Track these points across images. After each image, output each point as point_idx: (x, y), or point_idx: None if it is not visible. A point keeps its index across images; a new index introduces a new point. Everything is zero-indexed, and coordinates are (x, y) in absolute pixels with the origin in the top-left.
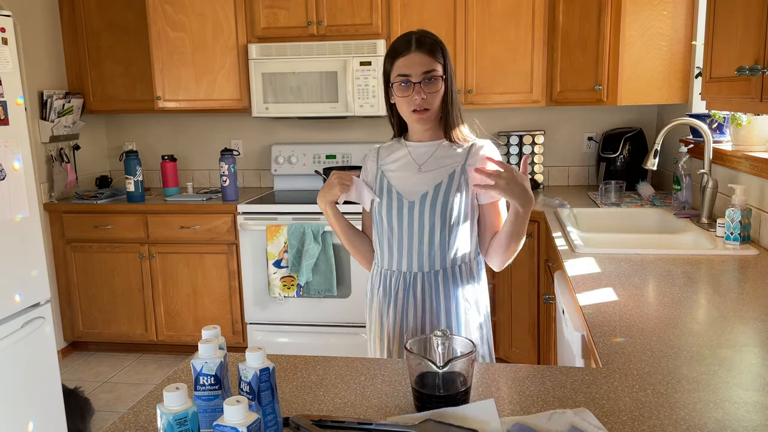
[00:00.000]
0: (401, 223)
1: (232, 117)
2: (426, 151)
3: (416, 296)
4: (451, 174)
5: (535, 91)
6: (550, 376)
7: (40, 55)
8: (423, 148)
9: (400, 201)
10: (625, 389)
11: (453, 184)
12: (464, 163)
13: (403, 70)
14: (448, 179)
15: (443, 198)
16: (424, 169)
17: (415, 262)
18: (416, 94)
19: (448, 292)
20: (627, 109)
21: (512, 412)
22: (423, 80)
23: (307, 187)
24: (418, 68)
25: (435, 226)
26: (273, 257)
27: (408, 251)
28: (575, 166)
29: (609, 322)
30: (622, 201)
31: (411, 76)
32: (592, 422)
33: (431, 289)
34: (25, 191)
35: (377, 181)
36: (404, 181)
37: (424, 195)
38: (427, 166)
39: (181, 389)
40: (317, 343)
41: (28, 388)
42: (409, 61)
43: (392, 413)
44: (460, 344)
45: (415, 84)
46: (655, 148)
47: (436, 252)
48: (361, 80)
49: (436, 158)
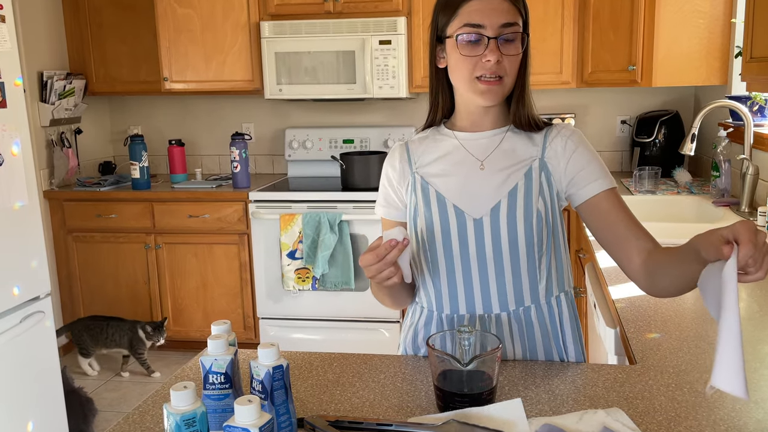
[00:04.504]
0: (465, 251)
1: (243, 99)
2: (487, 143)
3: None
4: (527, 172)
5: (564, 71)
6: (581, 373)
7: (39, 33)
8: (481, 138)
9: (461, 219)
10: (660, 388)
11: (533, 185)
12: (543, 154)
13: (475, 17)
14: (524, 180)
15: (524, 207)
16: (488, 169)
17: (495, 301)
18: (490, 54)
19: (545, 330)
20: (662, 91)
21: (540, 412)
22: (500, 36)
23: (323, 173)
24: (496, 17)
25: (519, 249)
26: (287, 248)
27: (482, 288)
28: (607, 151)
29: (643, 316)
30: (657, 188)
31: (485, 27)
32: (625, 423)
33: (522, 331)
34: (24, 178)
35: (415, 194)
36: (461, 188)
37: (496, 207)
38: (491, 164)
39: (189, 388)
40: (334, 339)
41: (27, 387)
42: (484, 5)
43: (413, 413)
44: (486, 340)
45: (489, 39)
46: (693, 132)
47: (524, 283)
48: (380, 60)
49: (503, 152)
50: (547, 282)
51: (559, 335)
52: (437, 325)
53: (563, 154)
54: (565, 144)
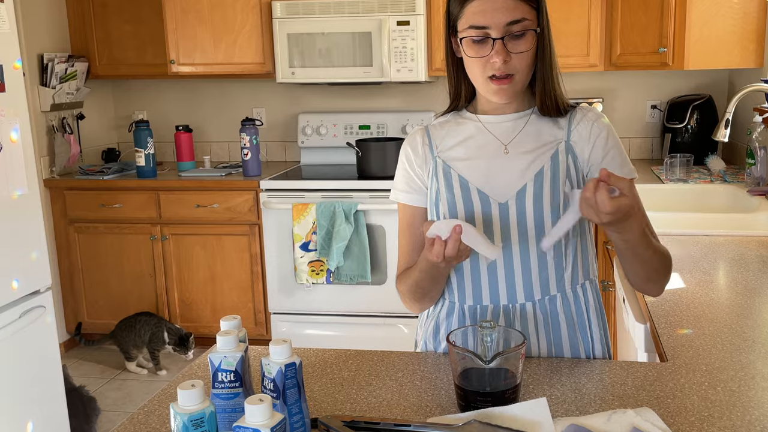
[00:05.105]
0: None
1: (254, 83)
2: (511, 126)
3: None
4: (553, 155)
5: (592, 53)
6: (609, 371)
7: (39, 13)
8: (505, 121)
9: (486, 203)
10: (692, 386)
11: (559, 168)
12: (569, 137)
13: (478, 19)
14: (551, 163)
15: (551, 191)
16: (512, 152)
17: (520, 290)
18: (496, 56)
19: (571, 321)
20: (695, 74)
21: (567, 412)
22: (506, 35)
23: (338, 161)
24: (500, 17)
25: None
26: (300, 239)
27: (507, 276)
28: (637, 137)
29: (675, 311)
30: (689, 176)
31: (489, 28)
32: (656, 423)
33: (548, 322)
34: (24, 165)
35: (437, 178)
36: (484, 172)
37: (522, 191)
38: (516, 147)
39: (197, 386)
40: (349, 335)
41: (26, 386)
42: (487, 5)
43: (433, 413)
44: (509, 336)
45: (494, 41)
46: (727, 118)
47: (551, 271)
48: (398, 42)
49: (528, 135)
50: (573, 269)
51: (586, 326)
52: (459, 317)
53: (588, 139)
54: (590, 128)
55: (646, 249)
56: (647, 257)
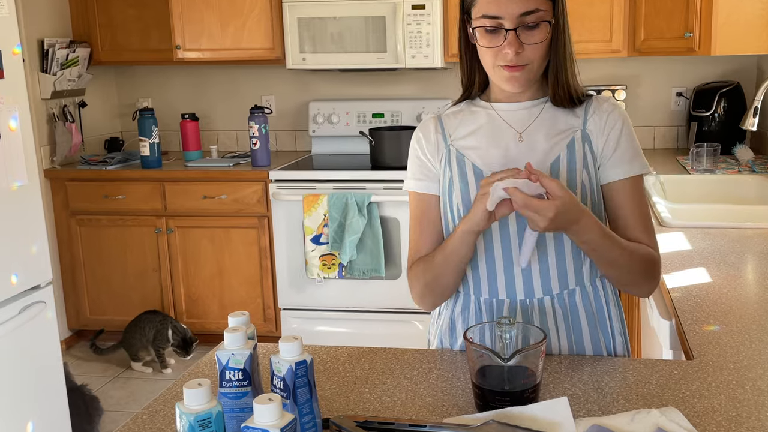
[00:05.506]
0: (505, 228)
1: (263, 69)
2: (525, 114)
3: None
4: (570, 143)
5: (614, 39)
6: (633, 369)
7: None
8: (520, 109)
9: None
10: (720, 385)
11: (576, 156)
12: (584, 126)
13: (491, 9)
14: (567, 151)
15: (568, 179)
16: (527, 140)
17: (537, 284)
18: (508, 47)
19: (592, 317)
20: (722, 60)
21: (589, 411)
22: (520, 26)
23: (350, 150)
24: (513, 8)
25: None
26: (311, 232)
27: (523, 269)
28: (662, 126)
29: (701, 307)
30: (716, 167)
31: (502, 18)
32: (681, 423)
33: (567, 318)
34: (23, 155)
35: (450, 167)
36: (499, 161)
37: None
38: (531, 136)
39: (204, 385)
40: (362, 332)
41: (26, 385)
42: None
43: (449, 413)
44: (529, 333)
45: (507, 31)
46: (755, 106)
47: (569, 263)
48: (413, 26)
49: (543, 123)
50: (591, 261)
51: (607, 321)
52: (475, 312)
53: (603, 130)
54: (606, 119)
55: (610, 250)
56: (612, 258)
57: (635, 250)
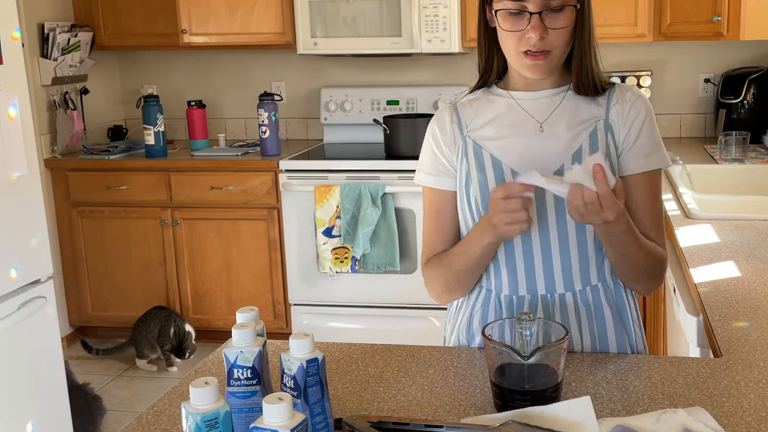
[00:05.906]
0: None
1: (272, 54)
2: (546, 103)
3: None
4: (592, 133)
5: (640, 23)
6: (659, 368)
7: None
8: (540, 98)
9: None
10: (749, 384)
11: (598, 147)
12: (607, 115)
13: None
14: (589, 141)
15: None
16: (548, 130)
17: (559, 279)
18: (532, 31)
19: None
20: (752, 45)
21: (612, 411)
22: (544, 9)
23: (364, 138)
24: None
25: None
26: (323, 224)
27: (544, 263)
28: (689, 113)
29: (730, 302)
30: (745, 156)
31: (527, 1)
32: (708, 424)
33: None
34: (23, 144)
35: (467, 159)
36: (518, 151)
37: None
38: (551, 126)
39: (211, 384)
40: (376, 329)
41: (26, 383)
42: None
43: (467, 413)
44: (550, 329)
45: (531, 15)
46: None
47: (591, 259)
48: (429, 9)
49: (564, 112)
50: None
51: (628, 316)
52: (495, 308)
53: (625, 120)
54: (629, 110)
55: (628, 245)
56: (627, 252)
57: (652, 250)
